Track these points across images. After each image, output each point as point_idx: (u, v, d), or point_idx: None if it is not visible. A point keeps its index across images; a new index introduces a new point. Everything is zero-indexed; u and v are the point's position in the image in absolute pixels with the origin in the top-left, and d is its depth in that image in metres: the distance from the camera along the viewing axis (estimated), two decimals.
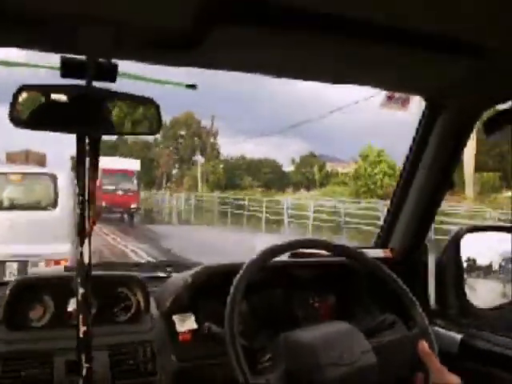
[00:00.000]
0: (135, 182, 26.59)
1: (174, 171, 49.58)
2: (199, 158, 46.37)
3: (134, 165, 27.69)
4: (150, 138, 49.30)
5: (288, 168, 50.35)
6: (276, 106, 76.14)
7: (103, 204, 23.24)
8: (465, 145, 1.83)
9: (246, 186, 42.88)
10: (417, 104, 1.78)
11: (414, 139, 1.89)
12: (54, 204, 7.84)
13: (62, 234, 7.38)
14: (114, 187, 24.79)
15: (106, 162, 23.12)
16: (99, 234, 16.48)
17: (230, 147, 52.69)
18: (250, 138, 71.97)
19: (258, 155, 51.53)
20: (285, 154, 61.94)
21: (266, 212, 24.20)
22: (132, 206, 25.05)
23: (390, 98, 1.72)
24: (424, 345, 1.33)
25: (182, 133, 48.34)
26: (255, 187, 41.89)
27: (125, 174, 25.95)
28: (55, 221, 7.60)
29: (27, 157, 9.18)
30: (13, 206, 7.79)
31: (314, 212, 22.09)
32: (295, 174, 47.66)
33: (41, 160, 9.20)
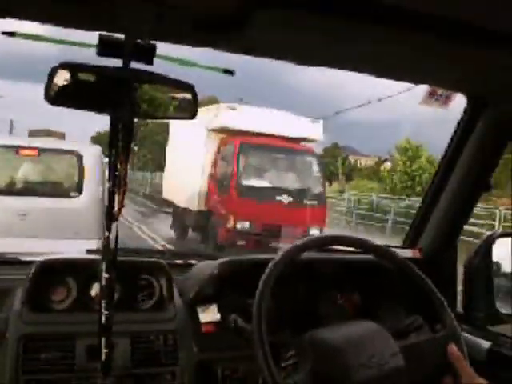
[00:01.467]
0: (317, 172, 11.48)
1: None
2: None
3: (309, 129, 11.67)
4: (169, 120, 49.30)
5: None
6: (298, 96, 75.74)
7: (237, 225, 10.24)
8: (506, 145, 1.77)
9: None
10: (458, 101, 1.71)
11: (453, 137, 1.84)
12: (79, 189, 6.39)
13: (87, 227, 5.93)
14: (268, 183, 10.75)
15: (246, 122, 10.76)
16: None
17: None
18: None
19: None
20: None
21: None
22: (312, 232, 10.33)
23: (431, 94, 1.65)
24: (454, 348, 1.30)
25: None
26: None
27: (293, 154, 11.34)
28: (80, 211, 6.13)
29: (48, 135, 8.28)
30: (27, 191, 6.33)
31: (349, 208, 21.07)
32: None
33: (61, 138, 8.44)
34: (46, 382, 1.35)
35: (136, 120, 1.21)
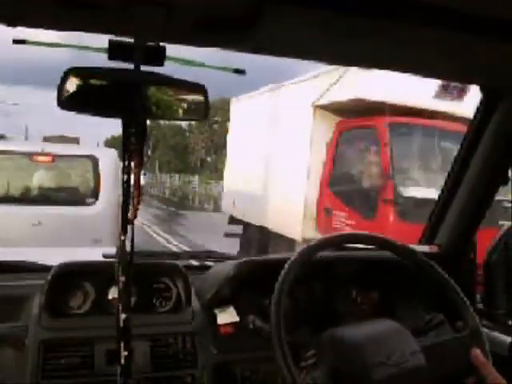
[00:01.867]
0: None
1: (209, 158, 49.66)
2: None
3: None
4: (184, 123, 49.45)
5: None
6: None
7: None
8: None
9: None
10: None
11: (469, 130, 1.81)
12: (95, 195, 6.09)
13: (106, 234, 5.56)
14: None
15: (392, 91, 5.75)
16: None
17: None
18: None
19: None
20: None
21: None
22: None
23: (444, 87, 1.63)
24: (478, 352, 1.28)
25: (217, 118, 48.18)
26: None
27: None
28: (97, 217, 5.76)
29: (62, 140, 7.83)
30: (41, 199, 6.07)
31: None
32: None
33: (75, 143, 7.98)
34: None
35: (148, 123, 1.21)
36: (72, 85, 1.06)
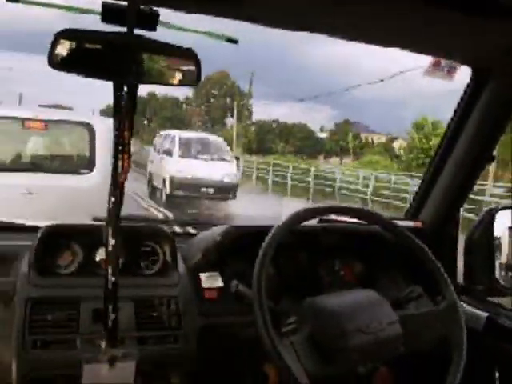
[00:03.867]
0: None
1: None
2: (231, 120, 45.88)
3: None
4: (181, 95, 49.05)
5: (320, 134, 49.74)
6: (308, 72, 75.32)
7: None
8: (509, 117, 1.76)
9: (277, 151, 42.20)
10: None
11: (457, 109, 1.83)
12: (91, 165, 5.60)
13: (101, 207, 4.63)
14: None
15: None
16: None
17: (260, 110, 51.60)
18: (280, 102, 70.56)
19: (289, 120, 50.48)
20: (315, 120, 60.94)
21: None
22: None
23: (435, 65, 1.64)
24: None
25: (215, 92, 47.89)
26: (286, 153, 40.91)
27: None
28: (92, 189, 5.13)
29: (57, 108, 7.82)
30: (33, 167, 5.60)
31: (366, 186, 19.90)
32: (329, 141, 46.99)
33: None
34: (51, 342, 1.39)
35: (146, 95, 1.22)
36: (64, 46, 1.07)
